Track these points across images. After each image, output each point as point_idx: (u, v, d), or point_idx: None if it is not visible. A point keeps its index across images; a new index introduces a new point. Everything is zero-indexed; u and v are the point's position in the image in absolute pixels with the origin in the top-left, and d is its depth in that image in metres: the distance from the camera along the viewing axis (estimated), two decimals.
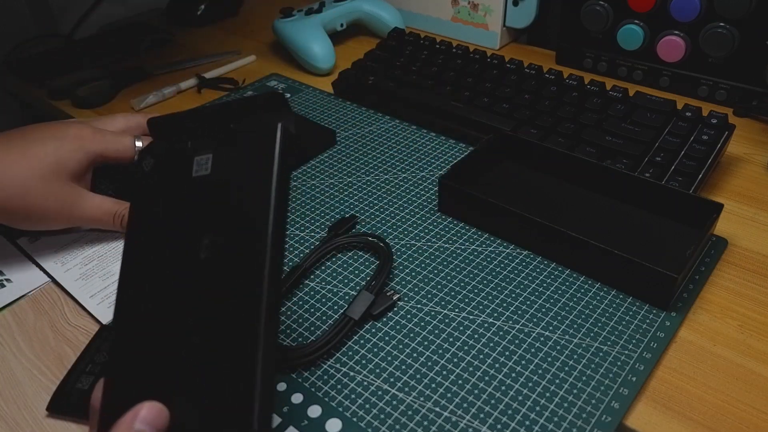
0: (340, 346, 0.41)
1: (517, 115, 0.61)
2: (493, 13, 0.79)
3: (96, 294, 0.46)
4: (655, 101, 0.59)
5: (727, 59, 0.65)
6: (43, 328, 0.44)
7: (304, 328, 0.43)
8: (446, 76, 0.67)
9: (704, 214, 0.47)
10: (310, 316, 0.44)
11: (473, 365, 0.40)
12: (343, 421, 0.37)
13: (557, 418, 0.37)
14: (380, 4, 0.84)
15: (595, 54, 0.73)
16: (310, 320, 0.43)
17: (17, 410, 0.39)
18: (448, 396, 0.38)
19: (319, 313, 0.44)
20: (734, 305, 0.44)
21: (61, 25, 0.91)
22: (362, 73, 0.71)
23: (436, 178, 0.55)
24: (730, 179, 0.57)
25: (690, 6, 0.64)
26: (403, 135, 0.63)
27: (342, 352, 0.41)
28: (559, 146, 0.56)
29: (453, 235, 0.50)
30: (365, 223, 0.52)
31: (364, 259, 0.48)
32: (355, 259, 0.48)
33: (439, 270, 0.47)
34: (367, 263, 0.48)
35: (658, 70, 0.69)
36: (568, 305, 0.44)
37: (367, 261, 0.48)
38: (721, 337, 0.42)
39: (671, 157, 0.54)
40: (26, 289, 0.47)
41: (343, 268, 0.48)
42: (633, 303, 0.44)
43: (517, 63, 0.67)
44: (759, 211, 0.52)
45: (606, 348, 0.41)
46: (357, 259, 0.48)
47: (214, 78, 0.77)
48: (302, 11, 0.81)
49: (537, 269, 0.47)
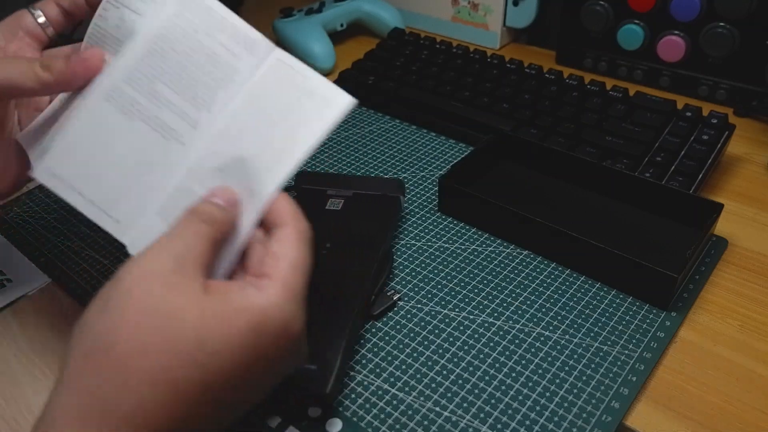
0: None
1: (517, 115, 0.61)
2: (493, 13, 0.79)
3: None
4: (655, 101, 0.59)
5: (727, 59, 0.65)
6: (43, 328, 0.44)
7: None
8: (446, 76, 0.67)
9: (704, 214, 0.47)
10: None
11: (473, 365, 0.40)
12: (343, 421, 0.37)
13: (557, 418, 0.37)
14: (380, 4, 0.84)
15: (595, 54, 0.73)
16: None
17: (17, 410, 0.39)
18: (448, 396, 0.38)
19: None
20: (734, 305, 0.44)
21: None
22: (362, 73, 0.71)
23: (436, 178, 0.55)
24: (730, 179, 0.56)
25: (690, 6, 0.64)
26: (403, 135, 0.63)
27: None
28: (559, 146, 0.56)
29: (453, 235, 0.50)
30: None
31: None
32: None
33: (439, 270, 0.47)
34: None
35: (658, 70, 0.69)
36: (568, 305, 0.44)
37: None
38: (721, 337, 0.42)
39: (671, 157, 0.54)
40: (26, 289, 0.47)
41: None
42: (633, 303, 0.44)
43: (517, 63, 0.67)
44: (759, 211, 0.52)
45: (606, 348, 0.41)
46: None
47: None
48: (302, 11, 0.81)
49: (537, 269, 0.47)
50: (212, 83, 0.36)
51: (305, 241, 0.32)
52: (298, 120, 0.34)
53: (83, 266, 0.49)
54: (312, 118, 0.34)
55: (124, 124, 0.36)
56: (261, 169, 0.34)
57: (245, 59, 0.35)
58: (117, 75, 0.36)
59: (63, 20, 0.42)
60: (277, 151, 0.34)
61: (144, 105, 0.36)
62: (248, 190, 0.33)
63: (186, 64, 0.36)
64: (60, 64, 0.37)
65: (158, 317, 0.27)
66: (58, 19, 0.42)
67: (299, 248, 0.32)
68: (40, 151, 0.38)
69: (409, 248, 0.49)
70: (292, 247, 0.31)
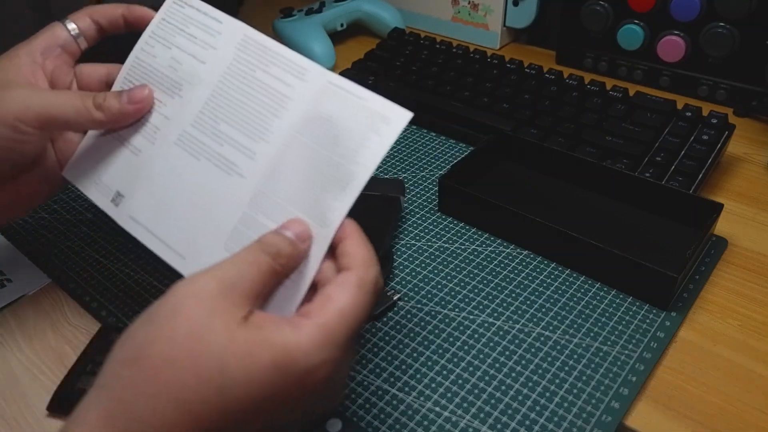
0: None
1: (517, 115, 0.61)
2: (493, 13, 0.79)
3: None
4: (655, 101, 0.59)
5: (727, 59, 0.65)
6: (43, 328, 0.44)
7: None
8: (446, 76, 0.67)
9: (704, 214, 0.47)
10: None
11: (473, 365, 0.40)
12: (343, 421, 0.37)
13: (557, 418, 0.37)
14: (380, 4, 0.84)
15: (595, 54, 0.73)
16: None
17: (17, 410, 0.39)
18: (448, 396, 0.38)
19: None
20: (734, 305, 0.44)
21: None
22: (362, 73, 0.70)
23: (436, 178, 0.55)
24: (730, 179, 0.56)
25: (690, 6, 0.64)
26: (403, 135, 0.63)
27: None
28: (559, 146, 0.56)
29: (453, 235, 0.50)
30: None
31: None
32: None
33: (439, 270, 0.47)
34: None
35: (658, 70, 0.69)
36: (568, 305, 0.44)
37: None
38: (721, 337, 0.42)
39: (671, 157, 0.54)
40: (26, 289, 0.47)
41: None
42: (633, 303, 0.44)
43: (517, 63, 0.67)
44: (759, 211, 0.52)
45: (606, 348, 0.41)
46: None
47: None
48: (302, 11, 0.81)
49: (537, 269, 0.47)
50: (267, 114, 0.36)
51: (365, 291, 0.30)
52: (358, 141, 0.33)
53: (83, 266, 0.49)
54: (371, 138, 0.33)
55: (192, 165, 0.37)
56: (327, 197, 0.33)
57: (298, 87, 0.36)
58: (185, 120, 0.39)
59: (96, 35, 0.44)
60: (341, 176, 0.33)
61: (208, 144, 0.37)
62: (317, 219, 0.33)
63: (244, 100, 0.37)
64: (113, 106, 0.38)
65: (190, 337, 0.27)
66: (91, 33, 0.44)
67: (354, 296, 0.30)
68: (103, 190, 0.40)
69: (409, 248, 0.49)
70: (348, 293, 0.30)
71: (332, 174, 0.33)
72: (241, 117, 0.37)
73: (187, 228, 0.37)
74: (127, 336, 0.29)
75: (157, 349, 0.27)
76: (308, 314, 0.29)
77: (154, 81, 0.40)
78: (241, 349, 0.27)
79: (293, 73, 0.36)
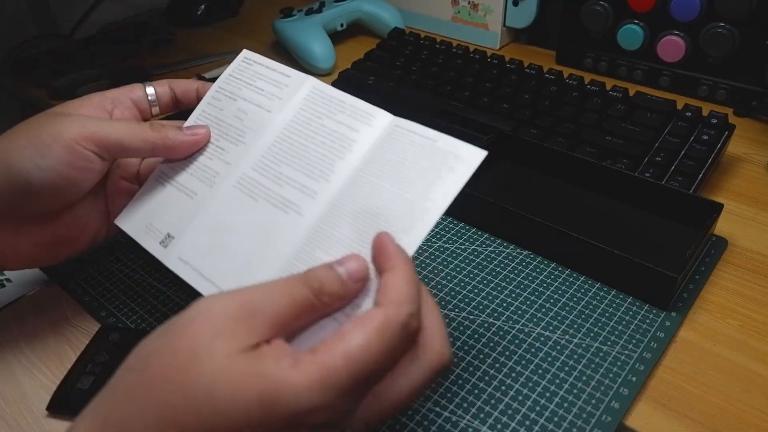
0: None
1: (517, 115, 0.61)
2: (493, 13, 0.79)
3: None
4: (655, 101, 0.59)
5: (727, 59, 0.65)
6: (43, 328, 0.44)
7: None
8: (446, 76, 0.67)
9: (704, 214, 0.47)
10: None
11: (473, 365, 0.40)
12: None
13: (557, 418, 0.37)
14: (380, 4, 0.84)
15: (595, 54, 0.73)
16: None
17: (17, 410, 0.39)
18: (448, 396, 0.38)
19: None
20: (734, 305, 0.44)
21: (61, 25, 0.91)
22: (362, 73, 0.71)
23: None
24: (730, 179, 0.56)
25: (690, 6, 0.64)
26: None
27: None
28: (559, 146, 0.56)
29: (453, 235, 0.50)
30: None
31: None
32: None
33: (439, 270, 0.47)
34: None
35: (658, 70, 0.69)
36: (568, 305, 0.44)
37: None
38: (721, 337, 0.42)
39: (671, 157, 0.54)
40: (26, 289, 0.47)
41: None
42: (633, 303, 0.44)
43: (517, 63, 0.67)
44: (759, 211, 0.52)
45: (606, 348, 0.41)
46: None
47: (214, 78, 0.76)
48: (302, 11, 0.81)
49: (537, 269, 0.47)
50: (331, 156, 0.36)
51: (389, 334, 0.27)
52: (431, 179, 0.33)
53: (83, 266, 0.49)
54: (445, 177, 0.33)
55: (249, 205, 0.37)
56: (393, 233, 0.31)
57: (364, 131, 0.36)
58: (246, 164, 0.39)
59: (170, 103, 0.45)
60: (411, 213, 0.32)
61: (268, 186, 0.37)
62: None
63: (308, 144, 0.37)
64: (171, 130, 0.39)
65: (189, 356, 0.26)
66: (167, 100, 0.45)
67: (371, 337, 0.27)
68: (154, 233, 0.40)
69: None
70: (363, 333, 0.27)
71: (399, 210, 0.32)
72: (304, 159, 0.37)
73: (237, 266, 0.36)
74: (142, 344, 0.28)
75: (159, 362, 0.27)
76: (316, 350, 0.27)
77: (218, 129, 0.41)
78: (233, 377, 0.26)
79: (360, 119, 0.37)
